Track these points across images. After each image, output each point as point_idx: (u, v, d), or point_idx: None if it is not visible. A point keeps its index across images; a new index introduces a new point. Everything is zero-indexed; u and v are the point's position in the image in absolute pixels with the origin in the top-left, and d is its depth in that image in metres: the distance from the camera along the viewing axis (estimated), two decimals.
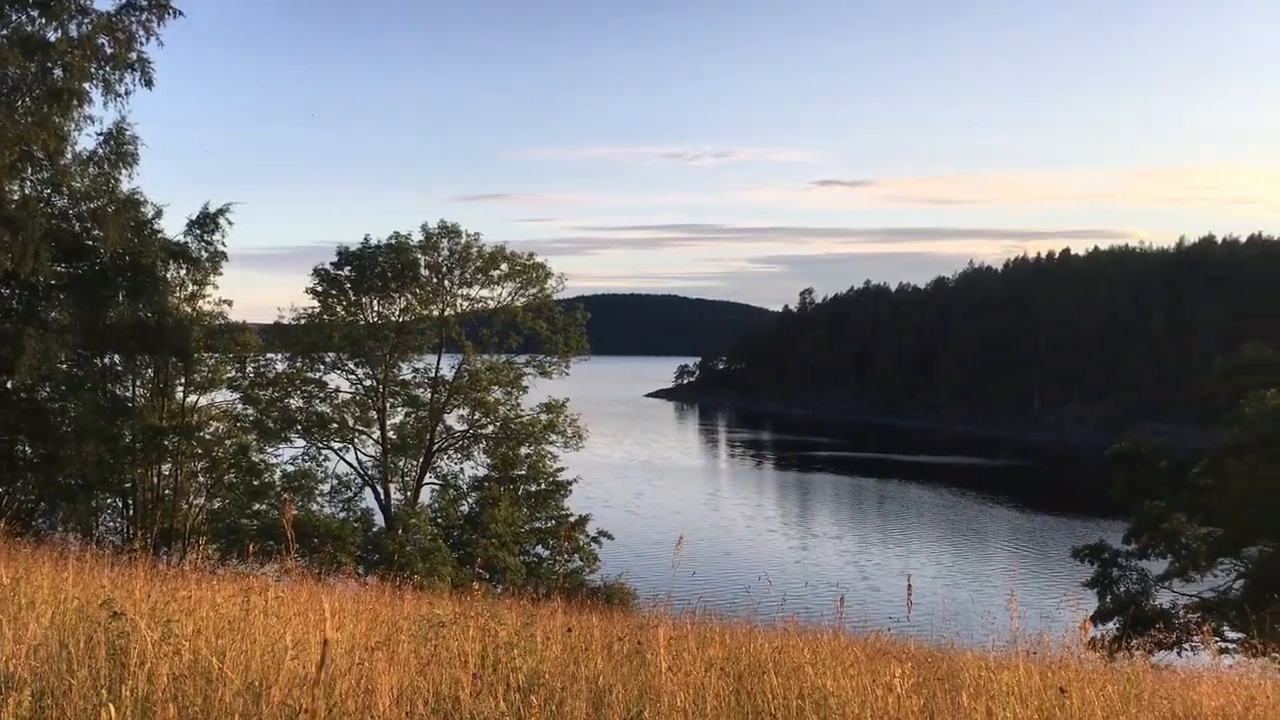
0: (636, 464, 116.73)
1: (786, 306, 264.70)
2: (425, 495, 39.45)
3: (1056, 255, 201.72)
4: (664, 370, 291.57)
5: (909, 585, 7.85)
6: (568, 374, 41.43)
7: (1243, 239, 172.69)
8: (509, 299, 40.75)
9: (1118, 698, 5.82)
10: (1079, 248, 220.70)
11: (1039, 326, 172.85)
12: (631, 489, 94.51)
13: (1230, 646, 31.90)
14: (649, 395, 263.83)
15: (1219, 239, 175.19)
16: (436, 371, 40.89)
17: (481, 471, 40.13)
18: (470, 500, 39.13)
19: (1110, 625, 31.80)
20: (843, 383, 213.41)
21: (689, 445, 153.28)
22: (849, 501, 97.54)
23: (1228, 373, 37.89)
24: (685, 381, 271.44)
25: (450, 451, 40.39)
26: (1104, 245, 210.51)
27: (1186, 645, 30.81)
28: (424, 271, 39.81)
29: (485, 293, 40.85)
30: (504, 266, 40.09)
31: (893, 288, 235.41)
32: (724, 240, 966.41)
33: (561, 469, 40.14)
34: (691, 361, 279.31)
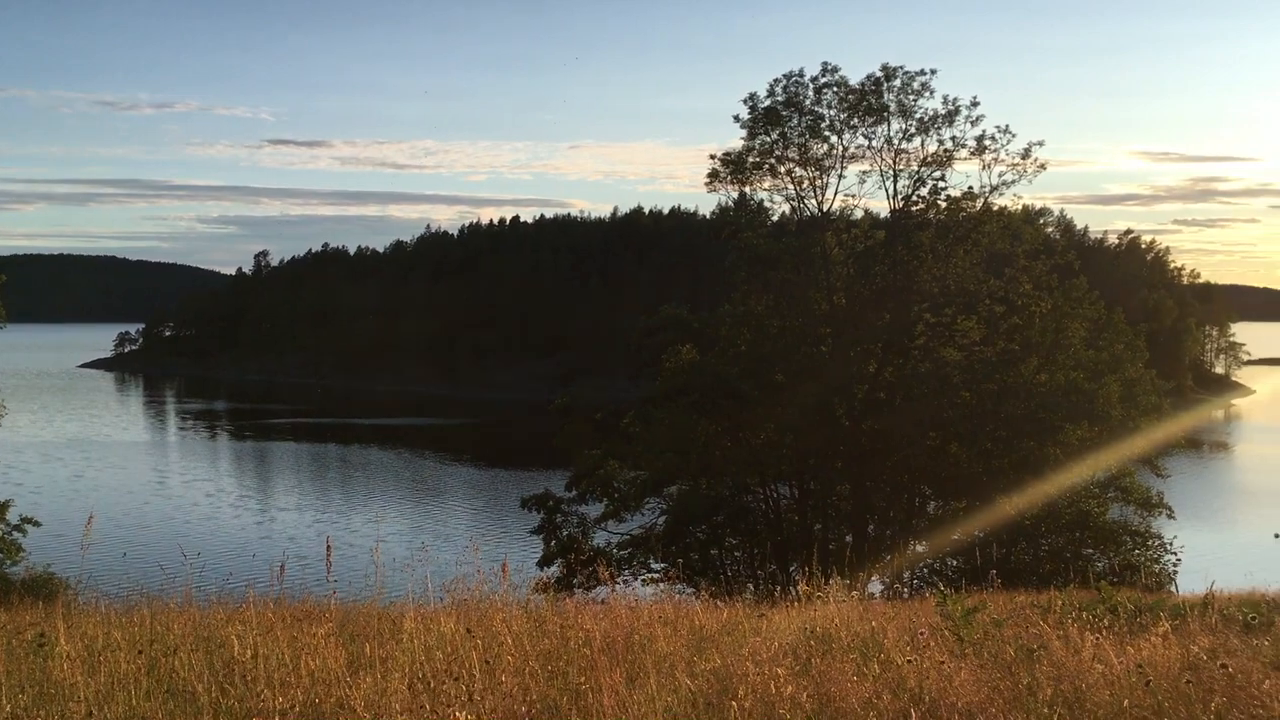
0: (71, 442, 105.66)
1: (240, 269, 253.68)
2: None
3: (508, 222, 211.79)
4: (102, 338, 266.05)
5: (328, 546, 7.95)
6: None
7: (665, 210, 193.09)
8: None
9: (526, 632, 6.42)
10: (527, 215, 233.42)
11: (494, 289, 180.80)
12: (69, 470, 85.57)
13: (656, 576, 36.05)
14: (84, 366, 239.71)
15: (646, 210, 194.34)
16: None
17: None
18: None
19: (554, 568, 34.41)
20: (303, 347, 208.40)
21: (134, 419, 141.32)
22: (310, 469, 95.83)
23: (650, 331, 42.13)
24: (127, 350, 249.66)
25: None
26: (549, 214, 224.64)
27: (620, 580, 34.28)
28: None
29: None
30: None
31: (351, 250, 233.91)
32: (168, 198, 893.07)
33: None
34: (134, 328, 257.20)
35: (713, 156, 39.07)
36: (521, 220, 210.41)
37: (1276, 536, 52.44)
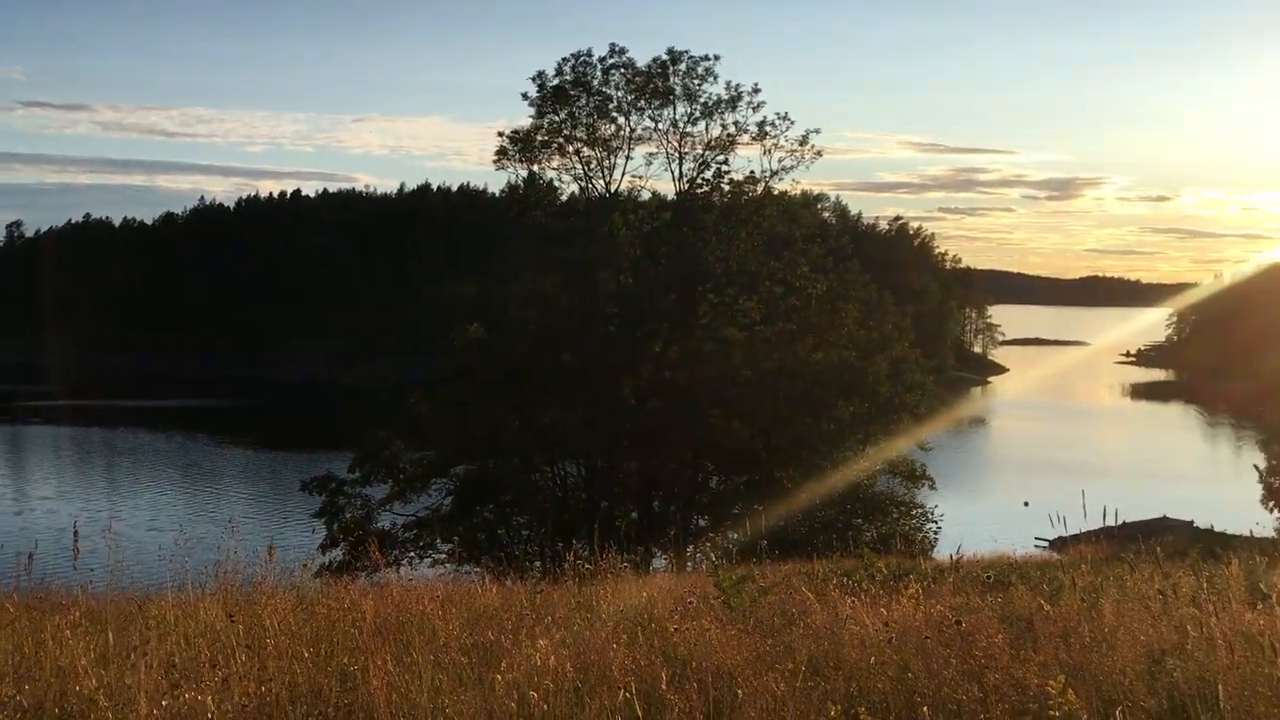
0: None
1: None
2: None
3: (288, 195, 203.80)
4: None
5: (75, 531, 7.53)
6: None
7: (454, 188, 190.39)
8: None
9: (293, 616, 6.28)
10: (309, 189, 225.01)
11: (276, 265, 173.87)
12: None
13: (442, 557, 35.75)
14: None
15: (434, 187, 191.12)
16: None
17: None
18: None
19: (338, 551, 33.60)
20: (64, 324, 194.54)
21: None
22: (72, 454, 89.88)
23: (440, 311, 41.66)
24: None
25: None
26: (333, 188, 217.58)
27: (405, 561, 33.79)
28: None
29: None
30: None
31: (116, 222, 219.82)
32: None
33: None
34: None
35: (501, 134, 38.92)
36: (303, 194, 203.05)
37: (1026, 505, 56.57)
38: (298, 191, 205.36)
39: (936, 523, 37.07)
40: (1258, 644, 5.73)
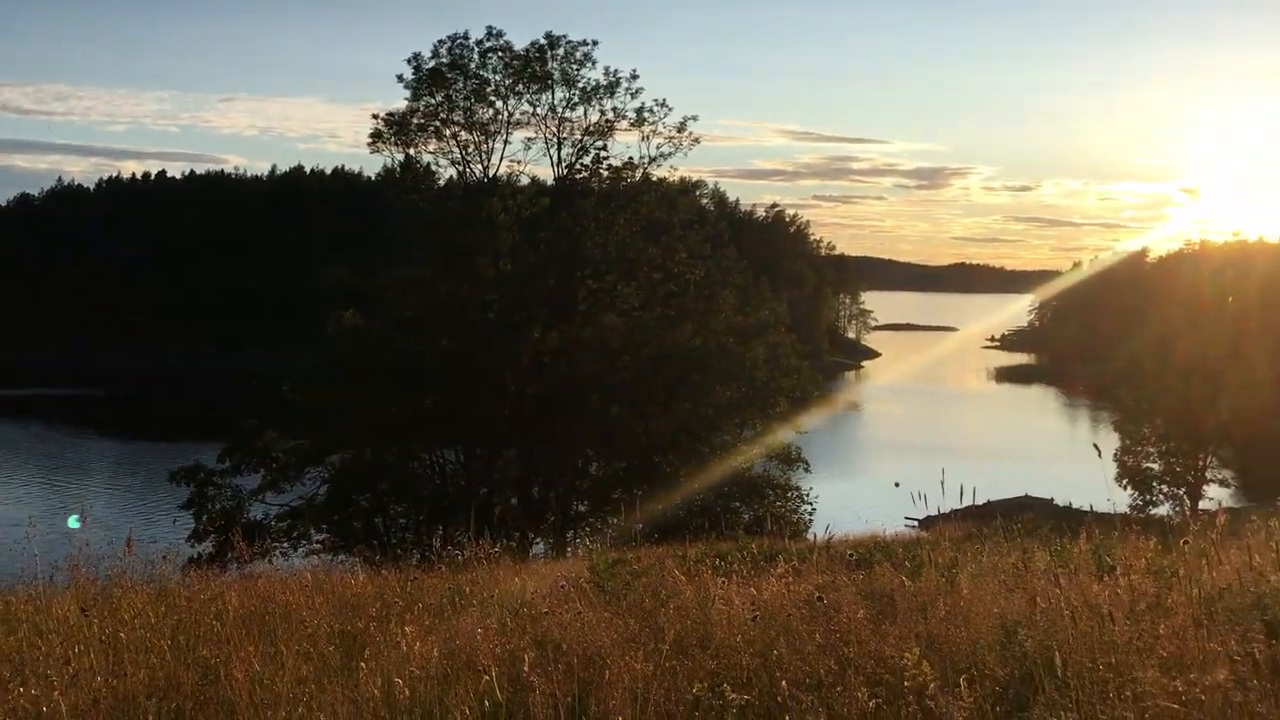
0: None
1: None
2: None
3: (153, 176, 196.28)
4: None
5: None
6: None
7: (328, 170, 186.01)
8: None
9: (150, 604, 6.12)
10: (175, 170, 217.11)
11: (139, 249, 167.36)
12: None
13: (317, 547, 35.09)
14: None
15: (308, 169, 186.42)
16: None
17: None
18: None
19: (208, 544, 32.68)
20: None
21: None
22: None
23: (319, 296, 40.74)
24: None
25: None
26: (200, 169, 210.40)
27: (277, 552, 33.06)
28: None
29: None
30: None
31: None
32: None
33: None
34: None
35: (375, 116, 38.26)
36: (169, 175, 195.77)
37: (896, 485, 58.18)
38: (163, 173, 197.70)
39: (811, 504, 37.86)
40: (1100, 613, 6.05)
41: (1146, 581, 7.34)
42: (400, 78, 37.32)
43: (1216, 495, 49.48)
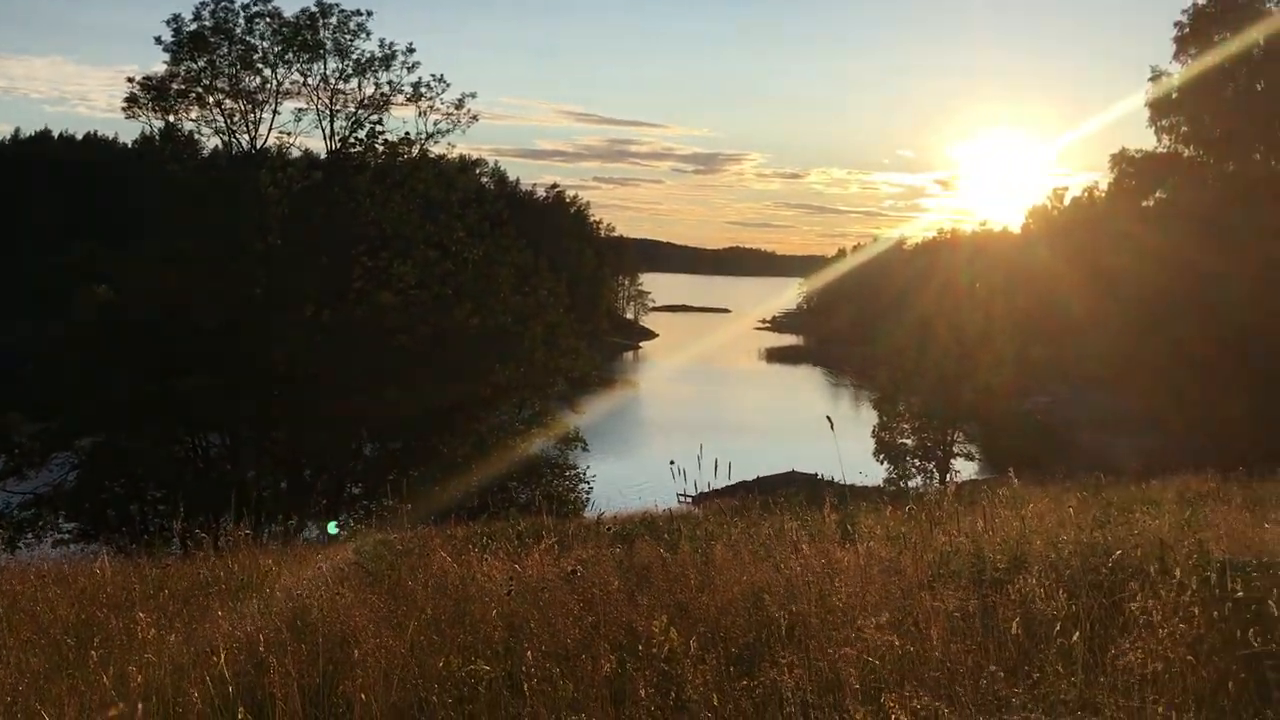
0: None
1: None
2: None
3: None
4: None
5: None
6: None
7: (79, 136, 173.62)
8: None
9: None
10: None
11: None
12: None
13: (66, 537, 32.91)
14: None
15: (56, 134, 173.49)
16: None
17: None
18: None
19: None
20: None
21: None
22: None
23: (62, 269, 38.04)
24: None
25: None
26: None
27: (20, 543, 30.80)
28: None
29: None
30: None
31: None
32: None
33: None
34: None
35: (131, 80, 36.00)
36: None
37: (672, 463, 59.67)
38: None
39: (589, 483, 38.35)
40: (840, 576, 6.48)
41: (884, 547, 7.91)
42: (159, 39, 35.30)
43: (963, 468, 53.25)
